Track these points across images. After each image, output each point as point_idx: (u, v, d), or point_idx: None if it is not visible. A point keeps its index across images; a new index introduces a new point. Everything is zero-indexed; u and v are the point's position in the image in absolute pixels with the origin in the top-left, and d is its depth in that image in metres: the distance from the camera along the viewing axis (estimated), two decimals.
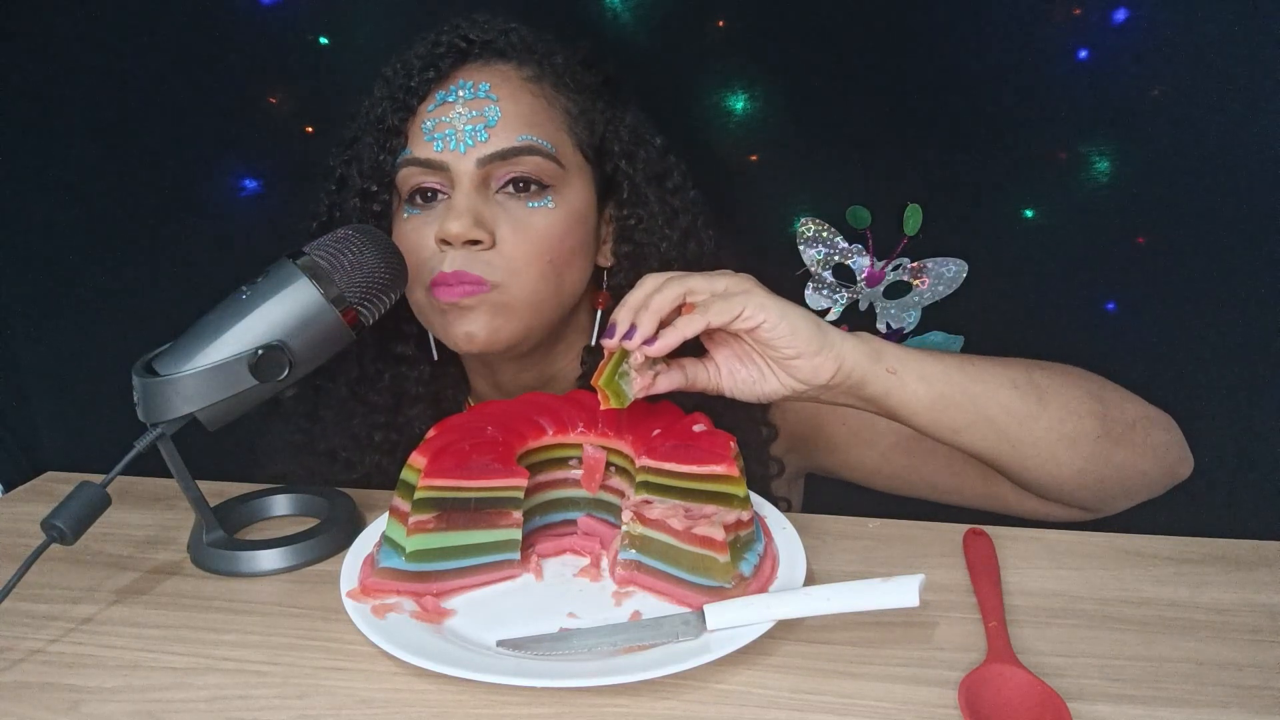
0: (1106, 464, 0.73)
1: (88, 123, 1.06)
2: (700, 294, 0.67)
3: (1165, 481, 0.78)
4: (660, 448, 0.65)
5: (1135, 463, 0.75)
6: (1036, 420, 0.71)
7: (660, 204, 0.85)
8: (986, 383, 0.71)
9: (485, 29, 0.81)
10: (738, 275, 0.68)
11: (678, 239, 0.85)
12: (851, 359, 0.68)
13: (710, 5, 0.97)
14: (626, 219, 0.85)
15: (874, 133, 0.98)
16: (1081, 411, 0.72)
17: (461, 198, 0.76)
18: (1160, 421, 0.77)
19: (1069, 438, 0.72)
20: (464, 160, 0.76)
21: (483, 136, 0.76)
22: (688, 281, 0.67)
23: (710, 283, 0.67)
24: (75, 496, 0.65)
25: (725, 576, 0.61)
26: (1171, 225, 0.95)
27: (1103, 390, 0.75)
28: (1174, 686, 0.55)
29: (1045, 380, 0.73)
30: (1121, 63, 0.91)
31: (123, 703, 0.56)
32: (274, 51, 1.02)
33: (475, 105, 0.77)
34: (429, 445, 0.67)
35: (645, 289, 0.67)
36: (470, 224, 0.75)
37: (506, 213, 0.77)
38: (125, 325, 1.10)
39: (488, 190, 0.78)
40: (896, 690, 0.55)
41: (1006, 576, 0.67)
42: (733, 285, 0.67)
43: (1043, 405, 0.71)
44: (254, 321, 0.68)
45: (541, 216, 0.78)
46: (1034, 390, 0.72)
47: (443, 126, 0.77)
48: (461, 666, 0.55)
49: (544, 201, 0.78)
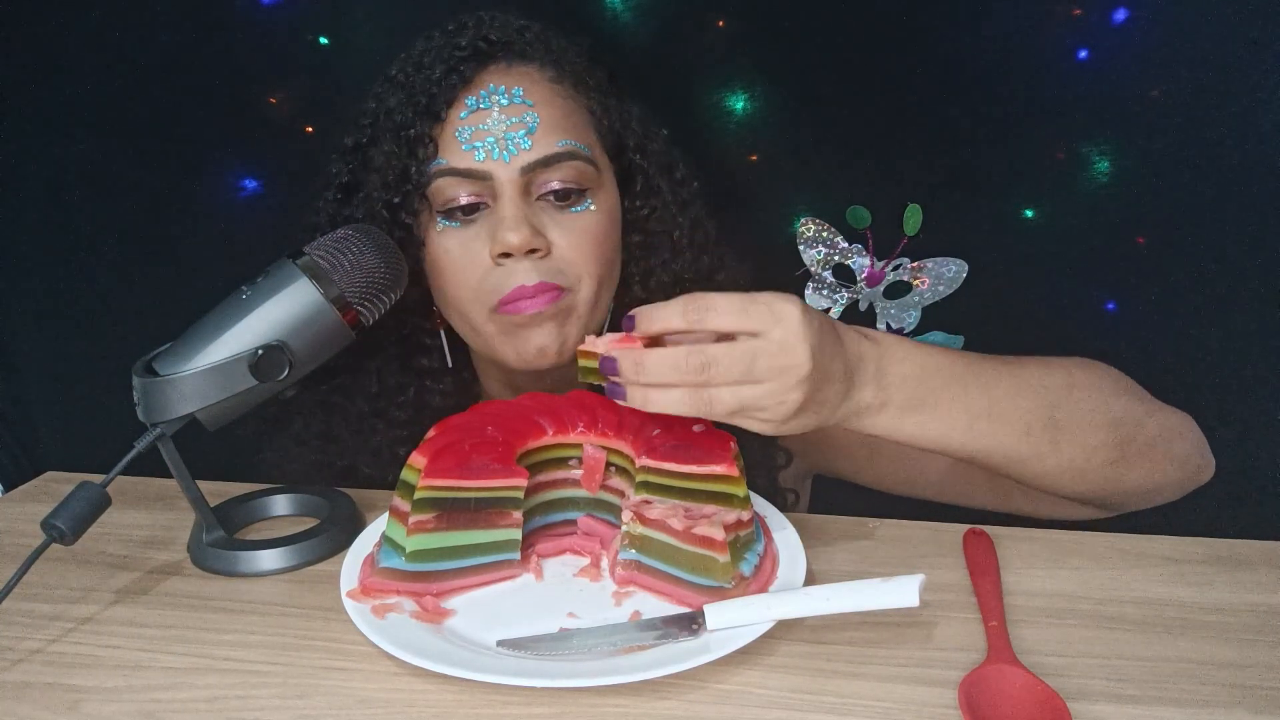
0: (1118, 485, 0.72)
1: (88, 123, 1.06)
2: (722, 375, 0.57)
3: (1185, 488, 0.77)
4: (660, 448, 0.65)
5: (1151, 478, 0.73)
6: (1044, 460, 0.69)
7: (672, 194, 0.85)
8: (996, 434, 0.67)
9: (503, 28, 0.80)
10: (786, 351, 0.57)
11: (689, 227, 0.85)
12: (843, 420, 0.64)
13: (710, 5, 0.97)
14: (639, 210, 0.84)
15: (874, 133, 0.98)
16: (1096, 444, 0.69)
17: (511, 207, 0.75)
18: (1182, 430, 0.75)
19: (1077, 470, 0.70)
20: (508, 168, 0.75)
21: (525, 144, 0.75)
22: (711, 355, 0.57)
23: (741, 364, 0.57)
24: (75, 496, 0.65)
25: (725, 576, 0.61)
26: (1171, 225, 0.95)
27: (1126, 411, 0.71)
28: (1174, 686, 0.55)
29: (1066, 416, 0.69)
30: (1121, 63, 0.92)
31: (123, 703, 0.56)
32: (274, 51, 1.02)
33: (513, 112, 0.75)
34: (429, 445, 0.67)
35: (685, 315, 0.59)
36: (529, 233, 0.73)
37: (552, 220, 0.76)
38: (125, 325, 1.11)
39: (529, 198, 0.76)
40: (896, 690, 0.55)
41: (1006, 576, 0.67)
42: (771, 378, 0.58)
43: (1055, 447, 0.68)
44: (254, 321, 0.68)
45: (587, 220, 0.77)
46: (1049, 433, 0.68)
47: (481, 135, 0.75)
48: (461, 666, 0.55)
49: (585, 205, 0.77)
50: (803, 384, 0.58)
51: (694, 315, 0.58)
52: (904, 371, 0.64)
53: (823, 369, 0.59)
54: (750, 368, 0.57)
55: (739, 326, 0.58)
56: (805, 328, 0.58)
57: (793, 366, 0.58)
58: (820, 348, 0.59)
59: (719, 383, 0.58)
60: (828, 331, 0.61)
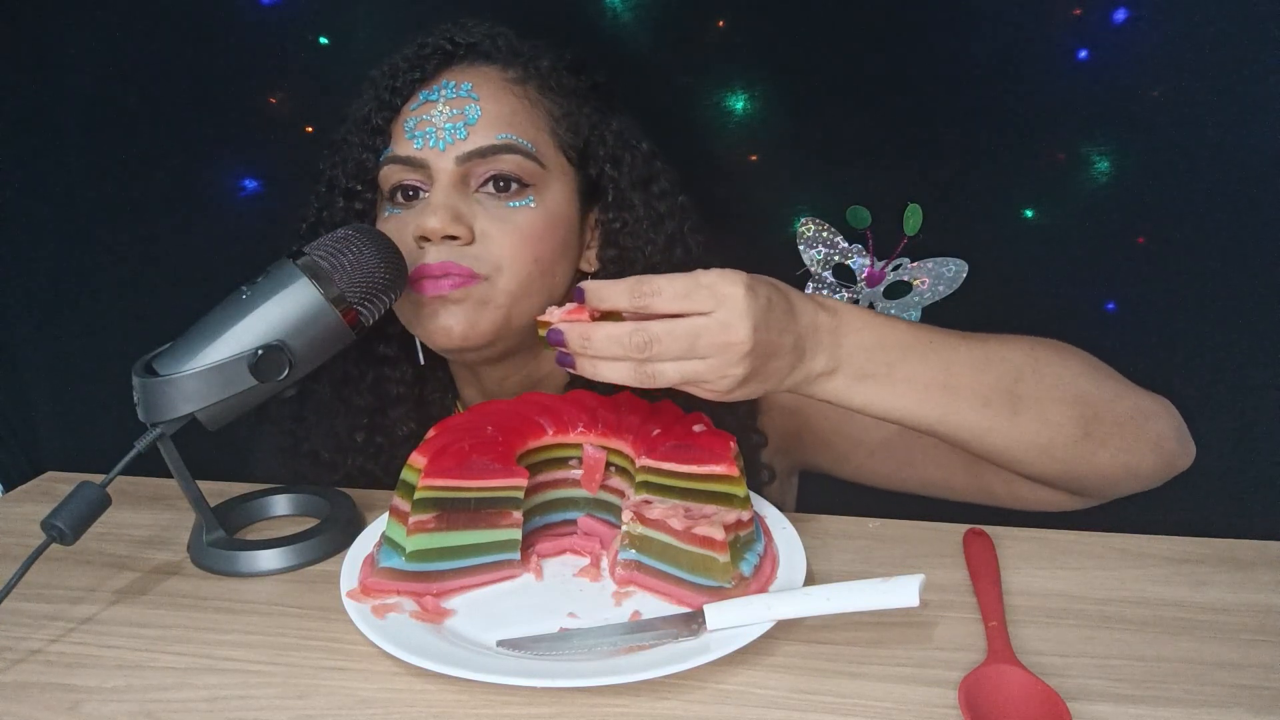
0: (1087, 465, 0.72)
1: (88, 123, 1.06)
2: (660, 347, 0.59)
3: (1162, 473, 0.75)
4: (660, 448, 0.65)
5: (1122, 460, 0.72)
6: (1005, 433, 0.69)
7: (646, 208, 0.84)
8: (952, 404, 0.68)
9: (471, 33, 0.82)
10: (727, 329, 0.59)
11: (663, 244, 0.84)
12: (793, 389, 0.66)
13: (710, 5, 0.97)
14: (611, 223, 0.84)
15: (874, 133, 0.98)
16: (1060, 420, 0.70)
17: (439, 194, 0.77)
18: (1157, 413, 0.74)
19: (1040, 446, 0.70)
20: (443, 158, 0.77)
21: (462, 134, 0.77)
22: (653, 332, 0.59)
23: (680, 342, 0.59)
24: (75, 496, 0.65)
25: (725, 576, 0.61)
26: (1171, 225, 0.95)
27: (1094, 387, 0.72)
28: (1174, 686, 0.55)
29: (1028, 389, 0.69)
30: (1121, 63, 0.92)
31: (123, 703, 0.56)
32: (274, 51, 1.02)
33: (456, 104, 0.78)
34: (429, 445, 0.67)
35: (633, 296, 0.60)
36: (448, 219, 0.75)
37: (486, 210, 0.78)
38: (125, 325, 1.11)
39: (467, 188, 0.78)
40: (896, 690, 0.55)
41: (1006, 576, 0.67)
42: (713, 352, 0.60)
43: (1015, 420, 0.69)
44: (254, 321, 0.68)
45: (523, 215, 0.78)
46: (1009, 405, 0.69)
47: (424, 125, 0.78)
48: (461, 666, 0.55)
49: (525, 201, 0.79)
50: (745, 359, 0.60)
51: (639, 300, 0.60)
52: (859, 341, 0.66)
53: (767, 344, 0.61)
54: (692, 345, 0.60)
55: (683, 310, 0.60)
56: (748, 306, 0.60)
57: (734, 344, 0.60)
58: (766, 324, 0.61)
59: (662, 359, 0.60)
60: (776, 306, 0.62)
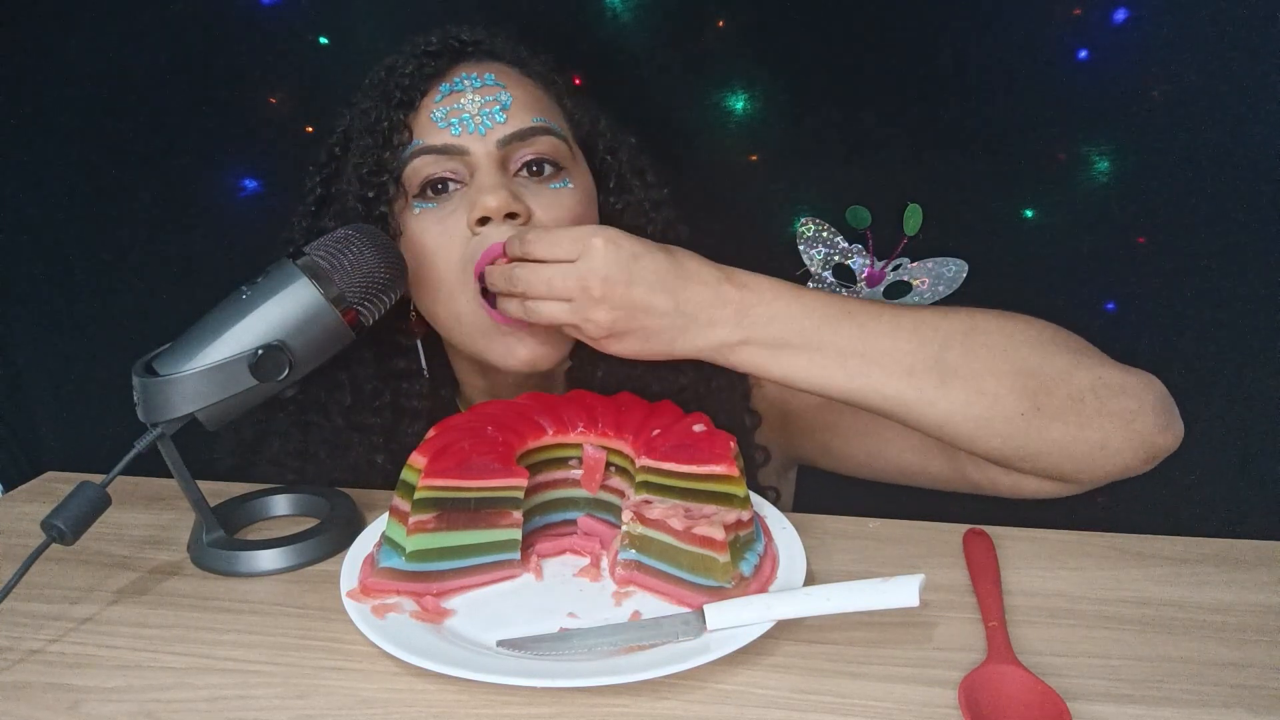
0: (1039, 440, 0.69)
1: (87, 123, 1.06)
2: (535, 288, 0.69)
3: (1139, 453, 0.69)
4: (660, 448, 0.65)
5: (1084, 437, 0.68)
6: (935, 404, 0.68)
7: (644, 193, 0.86)
8: (872, 372, 0.68)
9: (474, 32, 0.83)
10: (581, 276, 0.68)
11: (662, 226, 0.86)
12: (704, 356, 0.71)
13: (710, 5, 0.97)
14: (614, 205, 0.86)
15: (874, 133, 0.98)
16: (998, 391, 0.68)
17: (487, 176, 0.76)
18: (1129, 388, 0.69)
19: (977, 419, 0.68)
20: (483, 142, 0.76)
21: (500, 118, 0.77)
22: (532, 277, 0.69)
23: (553, 284, 0.69)
24: (75, 496, 0.65)
25: (725, 576, 0.61)
26: (1171, 225, 0.95)
27: (1043, 359, 0.69)
28: (1174, 686, 0.55)
29: (956, 359, 0.68)
30: (1121, 63, 0.92)
31: (123, 703, 0.56)
32: (274, 51, 1.02)
33: (485, 92, 0.78)
34: (429, 445, 0.67)
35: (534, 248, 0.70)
36: (508, 196, 0.74)
37: (531, 193, 0.77)
38: (125, 325, 1.11)
39: (507, 173, 0.78)
40: (896, 690, 0.55)
41: (1006, 576, 0.67)
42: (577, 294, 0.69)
43: (944, 390, 0.68)
44: (254, 321, 0.68)
45: (565, 196, 0.79)
46: (935, 375, 0.68)
47: (456, 112, 0.77)
48: (461, 666, 0.55)
49: (564, 183, 0.79)
50: (600, 306, 0.68)
51: (523, 247, 0.71)
52: (770, 311, 0.69)
53: (628, 298, 0.68)
54: (550, 286, 0.69)
55: (550, 256, 0.69)
56: (606, 258, 0.67)
57: (587, 289, 0.68)
58: (627, 279, 0.67)
59: (531, 296, 0.70)
60: (648, 266, 0.68)
